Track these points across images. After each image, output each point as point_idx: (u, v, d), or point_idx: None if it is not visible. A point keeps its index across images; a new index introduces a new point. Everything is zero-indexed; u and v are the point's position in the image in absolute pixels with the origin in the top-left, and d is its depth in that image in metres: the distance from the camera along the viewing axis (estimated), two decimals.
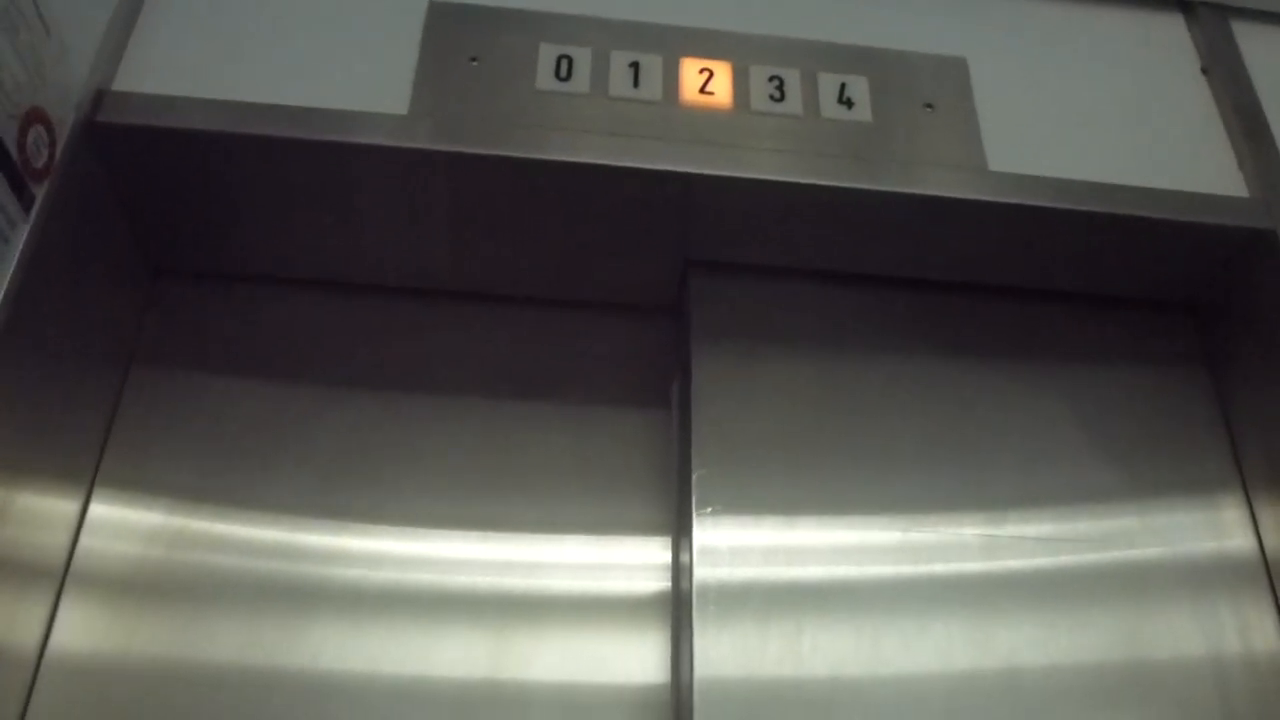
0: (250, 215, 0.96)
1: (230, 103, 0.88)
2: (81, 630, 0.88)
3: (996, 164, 0.97)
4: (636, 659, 0.93)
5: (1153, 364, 1.08)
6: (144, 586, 0.90)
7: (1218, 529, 1.01)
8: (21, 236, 0.76)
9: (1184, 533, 1.00)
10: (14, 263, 0.75)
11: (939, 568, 0.94)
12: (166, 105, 0.88)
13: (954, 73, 1.02)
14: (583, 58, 0.96)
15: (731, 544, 0.91)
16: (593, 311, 1.08)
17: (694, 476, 0.93)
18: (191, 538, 0.93)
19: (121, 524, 0.93)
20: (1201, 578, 0.98)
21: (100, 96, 0.86)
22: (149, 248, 0.99)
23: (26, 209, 0.76)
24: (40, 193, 0.78)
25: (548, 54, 0.96)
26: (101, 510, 0.93)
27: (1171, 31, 1.11)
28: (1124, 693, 0.91)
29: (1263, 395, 1.01)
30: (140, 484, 0.94)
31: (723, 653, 0.86)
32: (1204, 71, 1.09)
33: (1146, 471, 1.02)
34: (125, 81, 0.89)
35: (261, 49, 0.93)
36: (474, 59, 0.95)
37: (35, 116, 0.75)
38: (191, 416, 0.98)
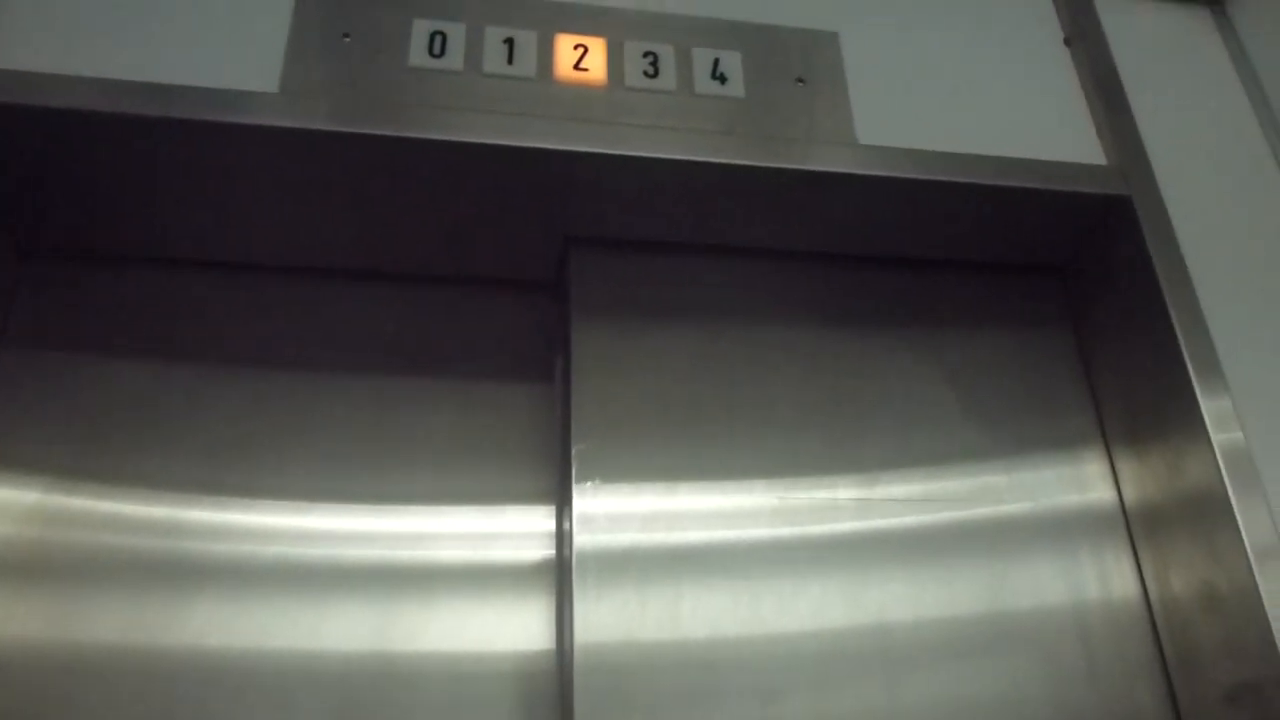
0: (122, 195, 0.95)
1: (97, 80, 0.87)
2: None
3: (866, 137, 1.00)
4: (522, 627, 0.95)
5: (1021, 326, 1.12)
6: (17, 567, 0.89)
7: (1080, 483, 1.06)
8: None
9: (1048, 487, 1.05)
10: None
11: (814, 530, 0.97)
12: (31, 82, 0.86)
13: (826, 47, 1.04)
14: (456, 34, 0.96)
15: (611, 511, 0.93)
16: (476, 287, 1.08)
17: (573, 451, 0.94)
18: (69, 517, 0.92)
19: None
20: (1064, 530, 1.03)
21: None
22: (15, 229, 0.97)
23: None
24: None
25: (421, 30, 0.95)
26: None
27: (1036, 3, 1.14)
28: (990, 643, 0.96)
29: (1121, 354, 1.05)
30: (14, 463, 0.93)
31: (603, 618, 0.89)
32: (1066, 43, 1.12)
33: (1014, 430, 1.07)
34: None
35: (129, 25, 0.91)
36: (346, 35, 0.94)
37: None
38: (67, 396, 0.97)
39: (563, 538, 0.96)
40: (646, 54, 0.99)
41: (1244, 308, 1.00)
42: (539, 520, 1.00)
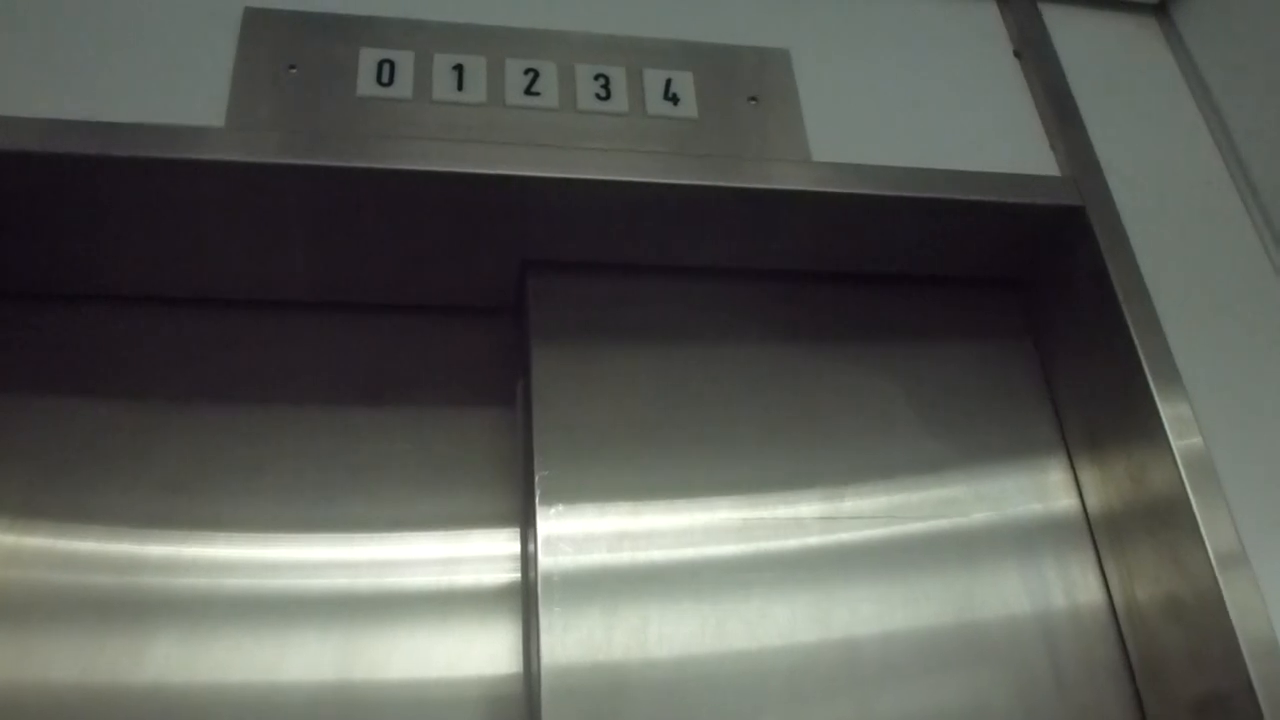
0: (72, 234, 0.94)
1: (40, 120, 0.86)
2: None
3: (820, 154, 1.00)
4: (489, 652, 0.94)
5: (981, 339, 1.13)
6: None
7: (1043, 492, 1.06)
8: None
9: (1012, 498, 1.05)
10: None
11: (780, 548, 0.97)
12: None
13: (777, 65, 1.04)
14: (405, 62, 0.95)
15: (575, 533, 0.93)
16: (434, 314, 1.08)
17: (536, 477, 0.94)
18: (26, 557, 0.91)
19: None
20: (1029, 540, 1.03)
21: None
22: None
23: None
24: None
25: (368, 59, 0.95)
26: None
27: (985, 17, 1.15)
28: (958, 657, 0.96)
29: (1081, 363, 1.06)
30: None
31: (569, 641, 0.88)
32: (1016, 55, 1.13)
33: (976, 442, 1.07)
34: None
35: (71, 63, 0.90)
36: (292, 66, 0.93)
37: None
38: (20, 435, 0.95)
39: (528, 561, 0.96)
40: (598, 76, 0.99)
41: (1200, 313, 1.01)
42: (503, 544, 0.99)
